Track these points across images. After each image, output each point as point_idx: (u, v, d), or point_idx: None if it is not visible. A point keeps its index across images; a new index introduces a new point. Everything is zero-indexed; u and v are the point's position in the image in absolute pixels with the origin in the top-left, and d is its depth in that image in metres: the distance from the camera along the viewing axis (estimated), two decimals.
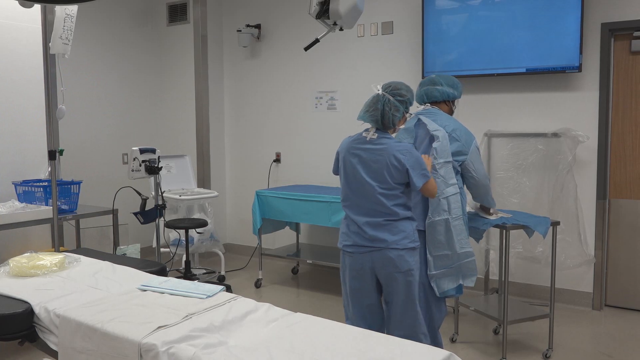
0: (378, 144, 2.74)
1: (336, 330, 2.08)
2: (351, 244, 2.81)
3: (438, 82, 3.16)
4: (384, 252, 2.73)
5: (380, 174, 2.71)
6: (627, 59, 4.23)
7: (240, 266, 5.66)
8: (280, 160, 5.80)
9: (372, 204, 2.73)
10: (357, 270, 2.82)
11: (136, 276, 2.76)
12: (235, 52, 6.00)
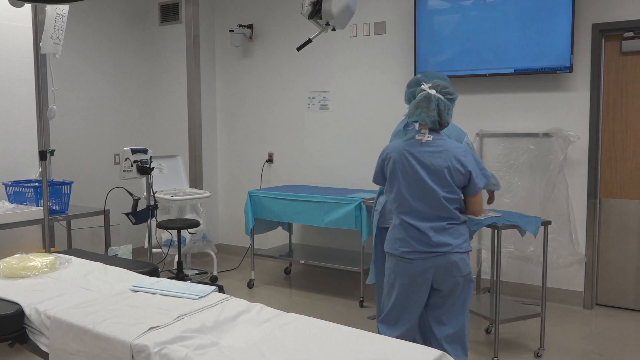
0: (436, 146, 2.67)
1: (329, 331, 2.08)
2: (411, 250, 2.69)
3: (425, 82, 3.05)
4: (447, 256, 2.66)
5: (442, 178, 2.63)
6: (618, 59, 4.26)
7: (232, 267, 5.65)
8: (273, 160, 5.80)
9: (435, 208, 2.66)
10: (415, 277, 2.71)
11: (128, 277, 2.75)
12: (228, 52, 5.99)
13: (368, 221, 4.33)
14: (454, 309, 2.76)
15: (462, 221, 2.71)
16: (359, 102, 5.22)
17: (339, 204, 4.45)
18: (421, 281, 2.71)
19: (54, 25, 3.96)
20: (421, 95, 2.68)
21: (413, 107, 2.70)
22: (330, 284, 5.13)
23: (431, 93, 2.66)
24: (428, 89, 2.67)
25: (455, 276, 2.69)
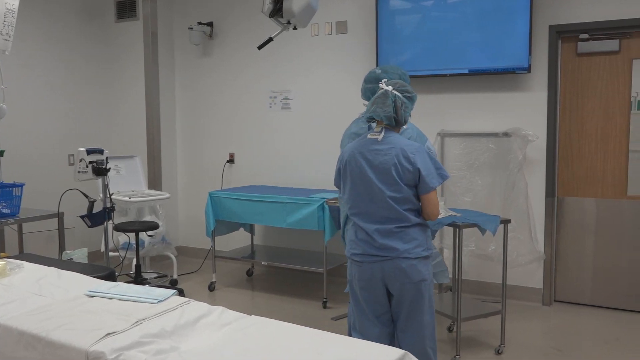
0: (385, 143, 2.61)
1: (292, 332, 2.07)
2: (360, 252, 2.66)
3: (383, 79, 2.91)
4: (395, 261, 2.59)
5: (389, 176, 2.57)
6: (574, 60, 4.40)
7: (193, 269, 5.59)
8: (234, 160, 5.76)
9: (381, 209, 2.59)
10: (366, 281, 2.67)
11: (83, 282, 2.68)
12: (187, 50, 5.92)
13: (331, 221, 4.34)
14: (410, 316, 2.68)
15: (413, 224, 2.61)
16: (321, 101, 5.23)
17: (301, 204, 4.46)
18: (372, 285, 2.66)
19: (3, 20, 3.83)
20: (379, 92, 2.67)
21: (370, 104, 2.70)
22: (293, 285, 5.13)
23: (388, 89, 2.64)
24: (385, 86, 2.66)
25: (404, 282, 2.61)
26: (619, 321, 4.16)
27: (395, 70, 3.02)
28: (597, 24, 4.19)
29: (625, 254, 4.33)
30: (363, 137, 2.71)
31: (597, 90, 4.35)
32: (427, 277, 2.64)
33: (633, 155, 4.30)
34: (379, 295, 2.70)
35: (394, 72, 2.99)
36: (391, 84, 2.67)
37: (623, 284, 4.34)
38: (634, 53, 4.20)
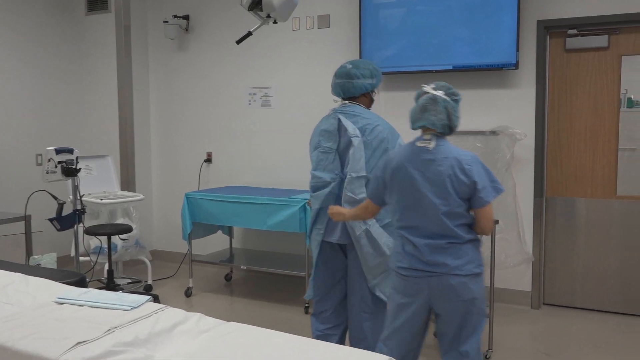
0: (438, 152, 2.48)
1: (273, 339, 2.07)
2: (406, 266, 2.53)
3: (354, 74, 3.00)
4: (444, 278, 2.45)
5: (442, 188, 2.44)
6: (562, 56, 4.46)
7: (168, 274, 5.55)
8: (212, 160, 5.74)
9: (432, 225, 2.46)
10: (410, 296, 2.55)
11: (52, 288, 2.65)
12: (162, 44, 5.88)
13: None
14: (456, 338, 2.56)
15: (466, 240, 2.48)
16: (302, 98, 5.23)
17: (282, 205, 4.45)
18: (414, 302, 2.55)
19: None
20: (426, 97, 2.54)
21: (419, 111, 2.55)
22: (274, 290, 5.13)
23: (437, 95, 2.51)
24: (433, 90, 2.53)
25: (453, 301, 2.48)
26: (609, 324, 4.22)
27: (366, 65, 3.05)
28: (586, 20, 4.26)
29: (615, 255, 4.39)
30: (410, 145, 2.59)
31: (585, 87, 4.41)
32: (478, 295, 2.51)
33: (622, 154, 4.37)
34: (417, 314, 2.58)
35: (365, 68, 3.03)
36: (439, 87, 2.55)
37: (613, 286, 4.41)
38: (623, 49, 4.27)
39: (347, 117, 2.97)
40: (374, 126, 2.93)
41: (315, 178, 3.06)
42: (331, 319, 3.18)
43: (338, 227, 3.01)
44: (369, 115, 3.00)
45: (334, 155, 2.99)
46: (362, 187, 2.88)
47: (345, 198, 2.91)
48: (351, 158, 2.89)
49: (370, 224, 2.91)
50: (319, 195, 3.03)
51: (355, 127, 2.92)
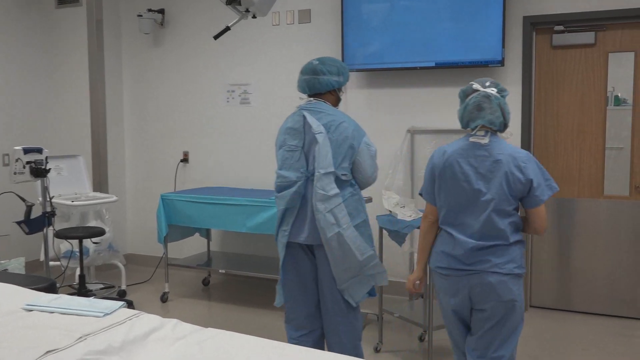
0: (492, 149, 2.50)
1: (252, 345, 2.07)
2: (445, 265, 2.57)
3: (320, 71, 3.00)
4: (482, 276, 2.47)
5: (497, 185, 2.45)
6: (549, 53, 4.51)
7: (143, 279, 5.52)
8: (188, 160, 5.71)
9: (480, 223, 2.48)
10: (452, 295, 2.59)
11: (20, 294, 2.62)
12: (136, 39, 5.84)
13: None
14: (492, 341, 2.55)
15: (512, 242, 2.49)
16: (283, 95, 5.23)
17: (262, 207, 4.44)
18: (456, 300, 2.58)
19: None
20: (478, 96, 2.56)
21: (474, 110, 2.56)
22: (254, 294, 5.12)
23: (490, 92, 2.55)
24: (484, 88, 2.58)
25: (491, 300, 2.49)
26: (597, 327, 4.28)
27: (333, 62, 3.05)
28: (572, 16, 4.31)
29: (602, 256, 4.46)
30: (463, 140, 2.60)
31: (572, 84, 4.47)
32: (518, 298, 2.50)
33: (609, 153, 4.43)
34: (460, 313, 2.63)
35: (332, 64, 3.03)
36: (490, 85, 2.59)
37: (601, 287, 4.47)
38: (610, 46, 4.34)
39: (311, 113, 2.97)
40: (338, 123, 2.92)
41: (280, 177, 3.04)
42: (305, 324, 3.13)
43: (305, 227, 2.98)
44: (334, 112, 3.00)
45: (300, 154, 2.97)
46: (332, 184, 2.87)
47: (317, 196, 2.87)
48: (317, 155, 2.88)
49: (344, 227, 2.88)
50: (285, 195, 3.00)
51: (319, 124, 2.91)
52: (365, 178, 3.01)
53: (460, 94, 2.69)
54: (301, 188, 2.96)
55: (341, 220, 2.88)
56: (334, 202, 2.87)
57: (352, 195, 2.96)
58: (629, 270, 4.40)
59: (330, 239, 2.88)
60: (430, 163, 2.68)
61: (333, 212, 2.87)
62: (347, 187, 2.95)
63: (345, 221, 2.89)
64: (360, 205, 3.01)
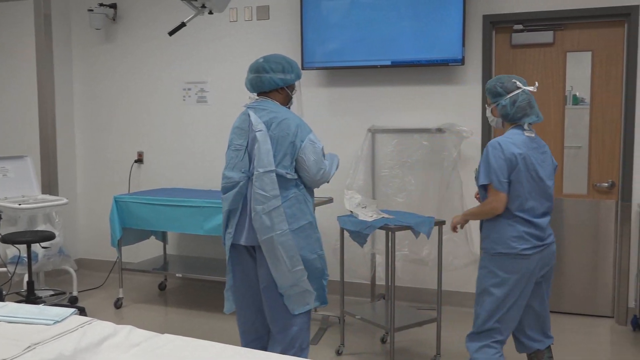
0: (538, 141, 3.03)
1: (211, 351, 2.06)
2: (529, 246, 2.92)
3: (263, 69, 2.98)
4: (552, 246, 3.04)
5: (549, 171, 3.03)
6: (508, 52, 4.61)
7: (96, 284, 5.44)
8: (143, 160, 5.65)
9: (545, 204, 2.99)
10: (530, 272, 2.95)
11: None
12: (87, 35, 5.74)
13: None
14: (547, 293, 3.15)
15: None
16: (241, 94, 5.14)
17: (220, 208, 4.38)
18: (532, 276, 2.97)
19: None
20: (524, 94, 2.97)
21: (527, 107, 2.95)
22: (212, 298, 5.09)
23: (533, 90, 2.99)
24: (526, 87, 2.98)
25: (551, 264, 3.08)
26: (557, 324, 4.38)
27: (278, 60, 3.02)
28: (531, 15, 4.42)
29: (560, 254, 4.57)
30: (518, 135, 2.95)
31: (532, 83, 4.56)
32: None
33: (568, 152, 4.56)
34: (531, 287, 3.01)
35: (277, 62, 3.00)
36: (523, 84, 2.98)
37: (561, 285, 4.59)
38: (568, 45, 4.46)
39: (255, 111, 2.96)
40: (280, 119, 2.90)
41: (225, 178, 3.02)
42: (253, 329, 3.09)
43: (245, 227, 2.95)
44: (278, 109, 2.97)
45: (244, 153, 2.96)
46: (273, 184, 2.84)
47: (255, 197, 2.84)
48: (257, 153, 2.85)
49: (278, 233, 2.84)
50: (228, 196, 2.98)
51: (259, 121, 2.89)
52: (310, 176, 2.96)
53: (499, 89, 3.00)
54: (243, 188, 2.94)
55: (277, 225, 2.84)
56: (273, 204, 2.83)
57: (296, 196, 2.93)
58: (587, 268, 4.53)
59: (263, 242, 2.86)
60: (502, 155, 2.89)
61: (270, 214, 2.83)
62: (292, 188, 2.92)
63: (280, 227, 2.84)
64: (306, 207, 2.97)
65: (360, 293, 4.92)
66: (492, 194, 2.92)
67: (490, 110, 3.10)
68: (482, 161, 2.95)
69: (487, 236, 3.04)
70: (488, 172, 2.90)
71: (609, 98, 4.41)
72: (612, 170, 4.45)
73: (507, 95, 2.98)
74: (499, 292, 2.97)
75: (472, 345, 3.08)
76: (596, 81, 4.43)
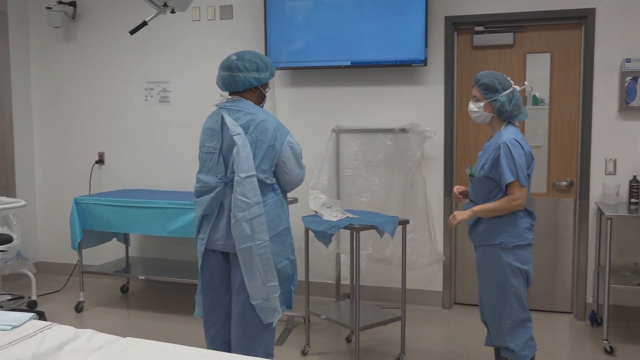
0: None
1: (175, 354, 2.04)
2: (533, 235, 3.08)
3: (237, 67, 2.85)
4: None
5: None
6: (470, 53, 4.68)
7: (56, 288, 5.34)
8: (104, 161, 5.57)
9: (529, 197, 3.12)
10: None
11: None
12: (45, 33, 5.63)
13: None
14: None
15: None
16: (203, 93, 5.16)
17: (183, 209, 4.39)
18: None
19: None
20: (516, 91, 3.04)
21: (521, 104, 3.06)
22: (175, 300, 5.04)
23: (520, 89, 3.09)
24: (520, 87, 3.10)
25: None
26: None
27: (252, 57, 2.89)
28: (492, 17, 4.50)
29: None
30: (517, 130, 3.07)
31: None
32: None
33: None
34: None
35: (251, 60, 2.87)
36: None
37: None
38: (528, 47, 4.55)
39: (230, 113, 2.84)
40: (258, 122, 2.78)
41: (200, 182, 2.93)
42: (220, 334, 3.03)
43: (222, 233, 2.87)
44: (254, 110, 2.85)
45: (218, 157, 2.85)
46: (255, 190, 2.73)
47: (236, 203, 2.72)
48: (237, 157, 2.73)
49: (258, 244, 2.75)
50: (203, 201, 2.90)
51: (236, 124, 2.78)
52: (292, 179, 2.91)
53: (497, 85, 3.04)
54: (219, 194, 2.85)
55: (257, 234, 2.74)
56: (255, 211, 2.73)
57: (274, 201, 2.85)
58: (546, 265, 4.63)
59: (241, 250, 2.76)
60: (522, 151, 2.99)
61: (251, 222, 2.73)
62: (269, 193, 2.84)
63: (261, 237, 2.75)
64: (283, 212, 2.91)
65: (325, 293, 4.94)
66: (518, 190, 2.96)
67: (481, 105, 3.08)
68: (504, 158, 2.95)
69: (504, 231, 3.03)
70: (514, 169, 2.94)
71: (567, 98, 4.52)
72: (570, 170, 4.56)
73: (504, 92, 3.02)
74: (520, 283, 3.05)
75: (516, 344, 3.05)
76: (555, 82, 4.54)
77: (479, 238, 3.18)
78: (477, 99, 3.10)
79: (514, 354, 3.05)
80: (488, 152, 3.09)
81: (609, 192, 4.21)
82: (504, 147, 2.96)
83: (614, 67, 4.30)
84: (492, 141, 3.12)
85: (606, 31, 4.29)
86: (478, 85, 3.09)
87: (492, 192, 3.05)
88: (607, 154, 4.37)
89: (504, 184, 2.97)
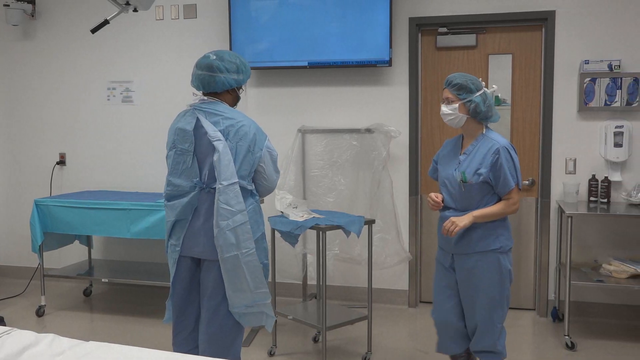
0: None
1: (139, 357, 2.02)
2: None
3: (217, 68, 2.78)
4: None
5: None
6: (434, 54, 4.73)
7: (16, 292, 5.23)
8: (66, 162, 5.47)
9: None
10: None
11: None
12: (3, 31, 5.51)
13: None
14: None
15: None
16: (167, 93, 5.13)
17: (147, 210, 4.34)
18: None
19: None
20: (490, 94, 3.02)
21: (493, 107, 3.03)
22: (140, 303, 4.98)
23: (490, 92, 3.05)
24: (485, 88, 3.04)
25: None
26: None
27: (232, 58, 2.84)
28: (455, 18, 4.56)
29: None
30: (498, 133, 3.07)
31: None
32: None
33: None
34: None
35: (231, 61, 2.81)
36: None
37: None
38: (490, 48, 4.63)
39: (207, 116, 2.77)
40: (238, 127, 2.74)
41: (171, 185, 2.84)
42: (195, 338, 2.97)
43: (199, 239, 2.80)
44: (233, 114, 2.80)
45: (192, 159, 2.77)
46: (238, 197, 2.69)
47: (220, 212, 2.67)
48: (217, 165, 2.67)
49: (244, 252, 2.72)
50: (175, 205, 2.82)
51: (215, 129, 2.71)
52: (269, 184, 2.89)
53: (471, 85, 3.00)
54: (194, 199, 2.78)
55: (243, 242, 2.71)
56: (239, 219, 2.68)
57: (254, 207, 2.82)
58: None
59: (226, 259, 2.71)
60: (516, 155, 2.98)
61: (235, 231, 2.68)
62: (249, 199, 2.80)
63: (247, 245, 2.72)
64: (260, 218, 2.88)
65: (292, 293, 4.93)
66: (516, 194, 2.96)
67: (455, 107, 2.98)
68: (506, 163, 2.89)
69: (500, 234, 2.99)
70: (515, 173, 2.94)
71: (529, 99, 4.61)
72: (532, 169, 4.65)
73: (477, 92, 2.96)
74: (509, 284, 3.07)
75: (502, 346, 3.08)
76: (517, 83, 4.62)
77: (473, 245, 3.00)
78: (450, 101, 3.00)
79: (499, 356, 3.06)
80: (479, 157, 2.97)
81: (569, 190, 4.30)
82: (505, 152, 2.90)
83: (574, 69, 4.40)
84: (481, 145, 2.99)
85: (566, 33, 4.39)
86: (451, 86, 2.99)
87: (486, 197, 2.98)
88: (567, 153, 4.47)
89: (508, 189, 2.91)
